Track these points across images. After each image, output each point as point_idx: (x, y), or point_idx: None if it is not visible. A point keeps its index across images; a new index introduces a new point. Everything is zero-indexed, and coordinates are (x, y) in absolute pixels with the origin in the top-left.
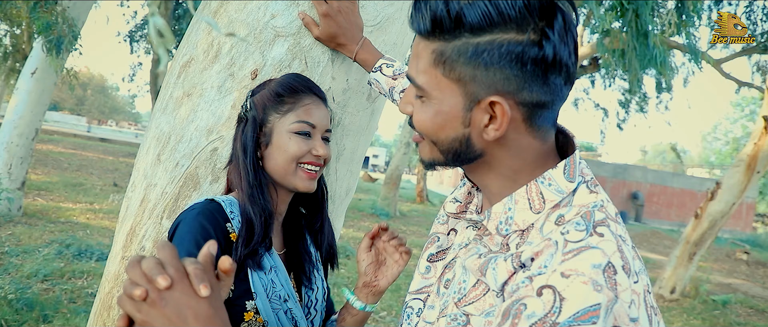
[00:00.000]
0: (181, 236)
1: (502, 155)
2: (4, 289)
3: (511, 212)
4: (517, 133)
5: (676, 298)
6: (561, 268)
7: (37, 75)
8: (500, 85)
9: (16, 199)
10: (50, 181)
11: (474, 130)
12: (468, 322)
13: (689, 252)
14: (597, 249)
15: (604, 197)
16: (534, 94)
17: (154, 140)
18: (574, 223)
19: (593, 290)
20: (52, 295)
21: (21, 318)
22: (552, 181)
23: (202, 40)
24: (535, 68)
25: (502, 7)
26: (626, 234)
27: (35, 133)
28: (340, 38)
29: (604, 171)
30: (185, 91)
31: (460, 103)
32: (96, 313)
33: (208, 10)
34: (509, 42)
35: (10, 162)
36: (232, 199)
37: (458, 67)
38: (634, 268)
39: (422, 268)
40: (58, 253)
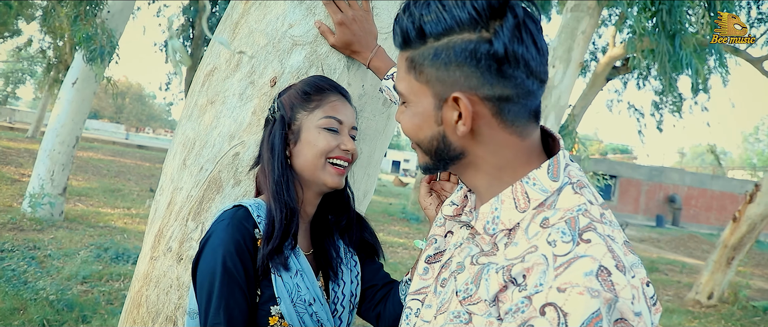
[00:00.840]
0: (213, 249)
1: (482, 153)
2: (46, 290)
3: (498, 212)
4: (490, 128)
5: (714, 303)
6: (556, 284)
7: (78, 85)
8: (461, 82)
9: (58, 204)
10: (90, 187)
11: (447, 128)
12: (470, 320)
13: (727, 256)
14: (586, 257)
15: (589, 198)
16: (495, 88)
17: (180, 146)
18: (560, 233)
19: (591, 298)
20: (90, 296)
21: (61, 318)
22: (536, 181)
23: (225, 49)
24: (488, 63)
25: (455, 13)
26: (616, 231)
27: (76, 141)
28: (354, 46)
29: (640, 174)
30: (209, 99)
31: (431, 103)
32: (127, 310)
33: (230, 21)
34: (463, 41)
35: (53, 169)
36: (260, 203)
37: (425, 70)
38: (628, 263)
39: (421, 270)
40: (96, 256)
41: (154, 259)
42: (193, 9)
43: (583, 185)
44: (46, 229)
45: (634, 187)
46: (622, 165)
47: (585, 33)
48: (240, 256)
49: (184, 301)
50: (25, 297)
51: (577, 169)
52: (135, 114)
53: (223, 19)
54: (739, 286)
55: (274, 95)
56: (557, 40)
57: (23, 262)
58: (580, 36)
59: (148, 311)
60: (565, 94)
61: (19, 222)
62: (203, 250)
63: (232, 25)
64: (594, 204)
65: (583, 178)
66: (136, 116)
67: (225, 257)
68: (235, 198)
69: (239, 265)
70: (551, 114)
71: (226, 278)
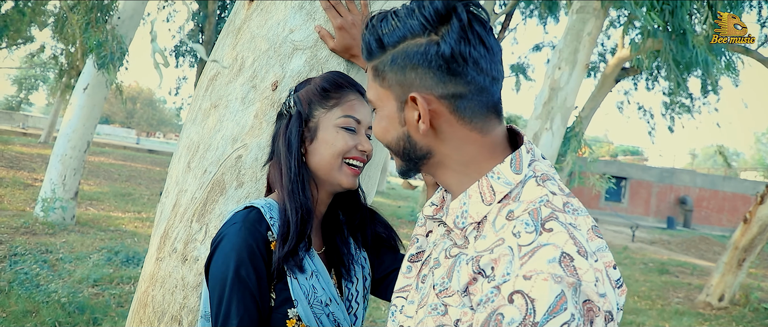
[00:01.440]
0: (224, 254)
1: (447, 150)
2: (58, 292)
3: (466, 206)
4: (449, 126)
5: (725, 305)
6: (522, 272)
7: (89, 91)
8: (417, 83)
9: (70, 208)
10: (101, 192)
11: (410, 128)
12: (446, 312)
13: (738, 258)
14: (548, 245)
15: (551, 190)
16: (448, 86)
17: (184, 149)
18: (523, 223)
19: (555, 283)
20: (101, 299)
21: (73, 320)
22: (500, 174)
23: (228, 54)
24: (438, 63)
25: (407, 22)
26: (579, 219)
27: (87, 146)
28: (354, 50)
29: (650, 175)
30: (212, 103)
31: (394, 105)
32: (134, 310)
33: (233, 26)
34: (415, 45)
35: (64, 173)
36: (271, 203)
37: (387, 76)
38: (591, 248)
39: (404, 269)
40: (107, 259)
41: (159, 260)
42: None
43: (547, 178)
44: (58, 232)
45: (644, 188)
46: (632, 167)
47: (591, 34)
48: (253, 262)
49: (189, 300)
50: (38, 299)
51: (545, 165)
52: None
53: (226, 24)
54: (751, 287)
55: (275, 99)
56: (563, 41)
57: (36, 265)
58: (585, 37)
59: (154, 311)
60: (571, 95)
61: (31, 226)
62: (214, 254)
63: (234, 30)
64: (557, 195)
65: (549, 171)
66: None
67: (237, 263)
68: (238, 200)
69: (252, 272)
70: (557, 115)
71: (238, 286)
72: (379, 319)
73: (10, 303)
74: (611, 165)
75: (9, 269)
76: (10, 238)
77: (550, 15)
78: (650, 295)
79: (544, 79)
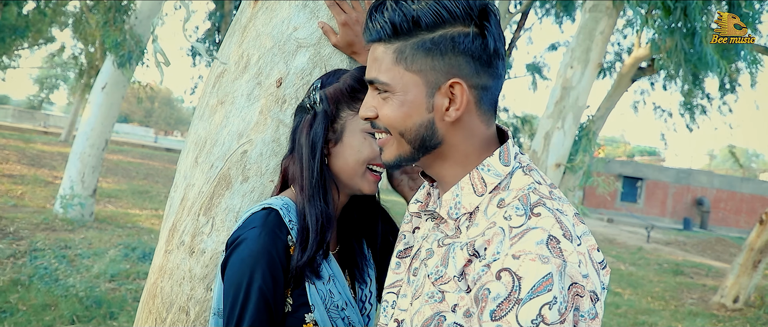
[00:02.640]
0: (242, 259)
1: (457, 141)
2: (76, 287)
3: (459, 198)
4: (469, 116)
5: (740, 307)
6: (511, 251)
7: (107, 89)
8: (456, 71)
9: (88, 205)
10: (119, 189)
11: (437, 114)
12: (444, 298)
13: (753, 259)
14: (537, 228)
15: (537, 179)
16: (481, 78)
17: (192, 144)
18: (514, 208)
19: (541, 263)
20: (118, 294)
21: (90, 314)
22: (490, 167)
23: (234, 52)
24: (481, 55)
25: (450, 7)
26: (565, 206)
27: (105, 144)
28: (356, 46)
29: (667, 176)
30: (219, 100)
31: (423, 91)
32: (143, 301)
33: (239, 24)
34: (459, 34)
35: (83, 171)
36: (289, 204)
37: (418, 60)
38: (576, 232)
39: (393, 265)
40: (124, 255)
41: (168, 252)
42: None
43: (531, 169)
44: (76, 229)
45: (660, 189)
46: (649, 167)
47: (603, 33)
48: (271, 270)
49: (196, 291)
50: (56, 294)
51: (526, 158)
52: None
53: (233, 22)
54: (766, 289)
55: (280, 96)
56: (575, 40)
57: (55, 260)
58: (598, 36)
59: (162, 302)
60: (583, 95)
61: (51, 222)
62: (232, 257)
63: (241, 28)
64: (542, 184)
65: (531, 163)
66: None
67: (254, 271)
68: (243, 194)
69: (269, 280)
70: (569, 115)
71: (254, 293)
72: None
73: (30, 297)
74: (627, 165)
75: (29, 264)
76: (30, 233)
77: (566, 14)
78: (664, 296)
79: (556, 78)
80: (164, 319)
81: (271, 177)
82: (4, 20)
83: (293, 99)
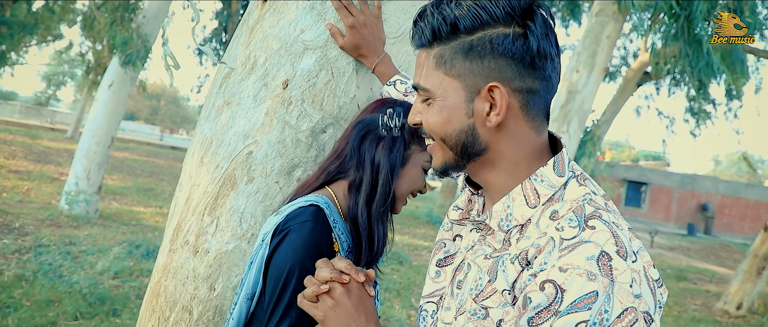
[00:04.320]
0: (294, 248)
1: (503, 148)
2: (80, 283)
3: (510, 209)
4: (515, 122)
5: (743, 314)
6: (559, 264)
7: (114, 87)
8: (495, 74)
9: (93, 202)
10: (125, 186)
11: (477, 120)
12: (487, 314)
13: (758, 266)
14: (590, 242)
15: (592, 189)
16: (526, 80)
17: (198, 144)
18: (567, 219)
19: (588, 280)
20: (121, 291)
21: (93, 311)
22: (544, 177)
23: (241, 53)
24: (523, 56)
25: (489, 9)
26: (620, 219)
27: (111, 141)
28: (362, 49)
29: (672, 181)
30: (225, 100)
31: (462, 96)
32: (147, 300)
33: (246, 26)
34: (498, 35)
35: (89, 168)
36: (329, 204)
37: (457, 64)
38: (631, 248)
39: (432, 273)
40: (128, 252)
41: (172, 252)
42: (226, 13)
43: (585, 178)
44: (81, 225)
45: (665, 194)
46: (653, 172)
47: (610, 38)
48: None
49: (200, 291)
50: (60, 290)
51: (579, 167)
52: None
53: (240, 23)
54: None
55: (285, 97)
56: (581, 44)
57: (59, 256)
58: (604, 40)
59: (166, 301)
60: (588, 98)
61: (56, 219)
62: (281, 245)
63: (248, 29)
64: (597, 194)
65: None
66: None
67: (304, 259)
68: (248, 195)
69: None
70: (575, 118)
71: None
72: (392, 317)
73: (34, 292)
74: (632, 170)
75: (34, 260)
76: (35, 229)
77: (573, 18)
78: (667, 302)
79: (561, 82)
80: (167, 318)
81: (276, 178)
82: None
83: (299, 101)
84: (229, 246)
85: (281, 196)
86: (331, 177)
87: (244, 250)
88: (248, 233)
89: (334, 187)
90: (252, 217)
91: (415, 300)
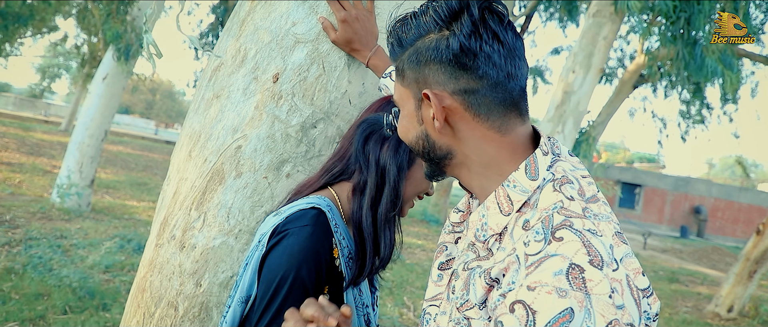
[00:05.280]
0: (291, 252)
1: (466, 151)
2: (69, 277)
3: (485, 218)
4: (465, 123)
5: (734, 317)
6: (526, 282)
7: (108, 80)
8: (431, 79)
9: (86, 195)
10: (118, 180)
11: (428, 126)
12: (470, 325)
13: (749, 269)
14: (556, 256)
15: (569, 194)
16: (460, 81)
17: (186, 138)
18: (534, 232)
19: (558, 297)
20: (111, 285)
21: (83, 305)
22: (516, 182)
23: (231, 45)
24: (449, 57)
25: (423, 20)
26: (602, 224)
27: (104, 135)
28: (354, 43)
29: (665, 184)
30: (215, 93)
31: (412, 104)
32: (132, 295)
33: (237, 18)
34: (429, 40)
35: (82, 161)
36: (331, 206)
37: (405, 73)
38: (612, 256)
39: (435, 277)
40: (120, 247)
41: (158, 246)
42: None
43: (566, 181)
44: (73, 219)
45: (659, 196)
46: (647, 174)
47: (606, 39)
48: (316, 269)
49: (186, 287)
50: (50, 283)
51: (570, 164)
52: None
53: (231, 15)
54: (761, 300)
55: (276, 91)
56: (578, 45)
57: (49, 250)
58: (601, 41)
59: (151, 296)
60: (584, 99)
61: (48, 211)
62: (277, 247)
63: (239, 22)
64: (575, 200)
65: (573, 172)
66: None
67: (300, 265)
68: (236, 190)
69: (314, 278)
70: (570, 119)
71: (298, 288)
72: (384, 315)
73: (23, 285)
74: (626, 172)
75: (24, 253)
76: (26, 222)
77: (570, 19)
78: None
79: (557, 82)
80: (152, 313)
81: (265, 173)
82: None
83: (290, 95)
84: (216, 241)
85: (270, 191)
86: (335, 178)
87: (231, 246)
88: (236, 229)
89: (337, 188)
90: (240, 212)
91: (408, 298)
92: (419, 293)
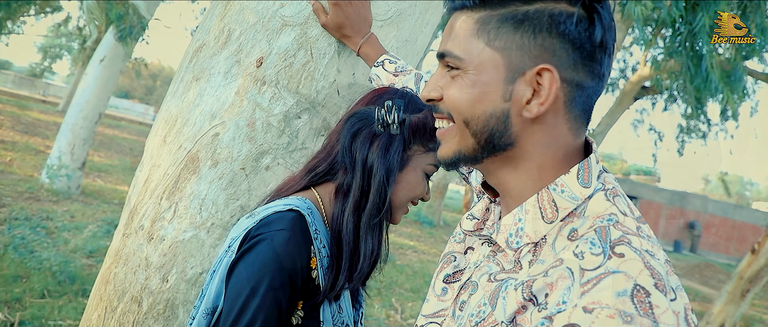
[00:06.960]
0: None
1: (533, 146)
2: (50, 260)
3: (522, 223)
4: (555, 117)
5: None
6: (582, 303)
7: (106, 62)
8: (547, 56)
9: (76, 177)
10: (111, 164)
11: (514, 106)
12: None
13: (742, 288)
14: (619, 273)
15: (622, 209)
16: (578, 72)
17: (162, 122)
18: (588, 244)
19: (623, 323)
20: (93, 271)
21: (62, 289)
22: (565, 187)
23: (215, 25)
24: (583, 43)
25: None
26: (656, 248)
27: (99, 117)
28: (346, 29)
29: (661, 197)
30: (195, 75)
31: (502, 74)
32: (96, 286)
33: None
34: (560, 12)
35: (74, 143)
36: (313, 209)
37: (504, 35)
38: (670, 284)
39: (439, 290)
40: (105, 232)
41: (126, 236)
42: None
43: (617, 194)
44: (61, 201)
45: (654, 210)
46: (644, 187)
47: None
48: (291, 278)
49: (151, 282)
50: (29, 266)
51: (612, 178)
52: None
53: None
54: (753, 319)
55: (259, 77)
56: None
57: (32, 231)
58: None
59: (114, 289)
60: None
61: (36, 192)
62: (250, 253)
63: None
64: (628, 216)
65: (619, 187)
66: None
67: (274, 275)
68: (211, 180)
69: (288, 290)
70: None
71: (270, 300)
72: (371, 317)
73: (2, 266)
74: (623, 183)
75: (7, 232)
76: (13, 201)
77: None
78: None
79: None
80: (115, 308)
81: (243, 164)
82: None
83: (273, 81)
84: (187, 235)
85: (247, 183)
86: (319, 178)
87: (202, 240)
88: (208, 222)
89: (320, 189)
90: (213, 204)
91: (396, 299)
92: (408, 295)
